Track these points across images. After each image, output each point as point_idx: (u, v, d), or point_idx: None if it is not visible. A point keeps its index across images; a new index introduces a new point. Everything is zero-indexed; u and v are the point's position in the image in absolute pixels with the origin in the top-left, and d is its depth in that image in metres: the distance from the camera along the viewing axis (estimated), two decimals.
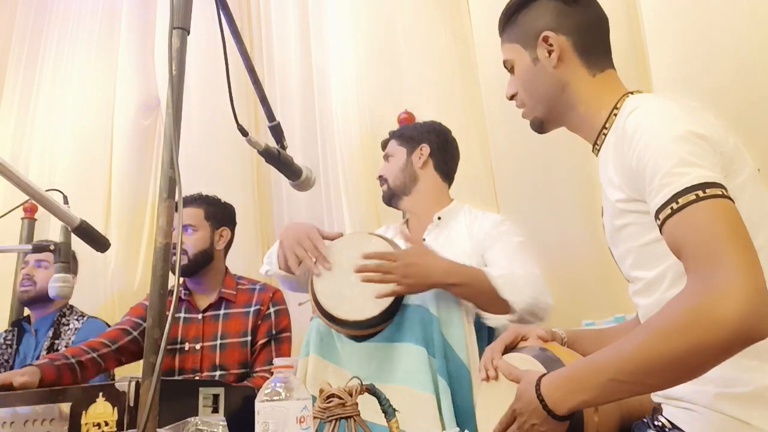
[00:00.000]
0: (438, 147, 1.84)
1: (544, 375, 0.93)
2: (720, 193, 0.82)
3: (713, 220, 0.81)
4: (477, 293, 1.43)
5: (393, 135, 1.90)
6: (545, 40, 1.10)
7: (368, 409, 1.02)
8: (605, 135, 1.05)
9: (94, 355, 1.88)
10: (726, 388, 0.87)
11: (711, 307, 0.76)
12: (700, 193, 0.82)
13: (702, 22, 1.75)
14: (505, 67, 1.19)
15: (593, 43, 1.11)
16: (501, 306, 1.43)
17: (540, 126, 1.17)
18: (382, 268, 1.41)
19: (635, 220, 0.96)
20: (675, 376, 0.81)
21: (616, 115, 1.03)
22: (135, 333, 1.99)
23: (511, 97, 1.19)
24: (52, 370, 1.73)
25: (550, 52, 1.10)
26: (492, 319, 1.45)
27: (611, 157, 1.01)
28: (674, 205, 0.84)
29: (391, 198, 1.84)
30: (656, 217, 0.87)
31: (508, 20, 1.17)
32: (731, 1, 1.73)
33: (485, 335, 1.49)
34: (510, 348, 1.15)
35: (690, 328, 0.77)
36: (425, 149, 1.82)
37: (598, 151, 1.08)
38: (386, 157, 1.87)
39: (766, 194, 0.97)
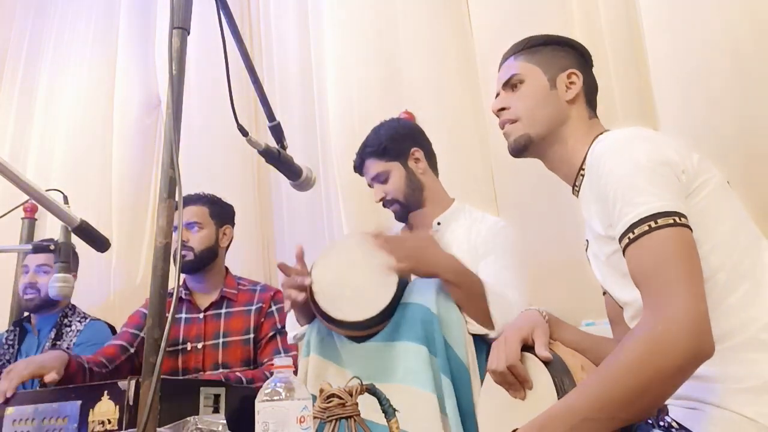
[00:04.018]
0: (424, 145, 1.80)
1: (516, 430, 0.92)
2: (672, 221, 0.88)
3: (662, 251, 0.87)
4: (468, 298, 1.43)
5: (369, 154, 1.75)
6: (570, 75, 1.19)
7: (368, 408, 1.02)
8: (582, 176, 1.12)
9: (101, 370, 1.89)
10: (737, 384, 0.88)
11: (664, 334, 0.82)
12: (653, 224, 0.88)
13: (699, 19, 1.75)
14: (508, 82, 1.23)
15: (594, 95, 1.24)
16: (484, 319, 1.43)
17: (527, 143, 1.20)
18: (387, 246, 1.42)
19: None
20: (644, 405, 0.85)
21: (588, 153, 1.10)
22: (132, 350, 1.98)
23: (498, 112, 1.23)
24: (75, 363, 1.71)
25: (568, 87, 1.18)
26: (472, 326, 1.43)
27: (588, 192, 1.07)
28: (631, 235, 0.91)
29: (406, 215, 1.76)
30: (620, 245, 0.93)
31: (531, 46, 1.23)
32: None
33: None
34: None
35: (648, 357, 0.83)
36: (419, 153, 1.76)
37: (578, 191, 1.15)
38: (377, 179, 1.75)
39: (737, 202, 1.02)
